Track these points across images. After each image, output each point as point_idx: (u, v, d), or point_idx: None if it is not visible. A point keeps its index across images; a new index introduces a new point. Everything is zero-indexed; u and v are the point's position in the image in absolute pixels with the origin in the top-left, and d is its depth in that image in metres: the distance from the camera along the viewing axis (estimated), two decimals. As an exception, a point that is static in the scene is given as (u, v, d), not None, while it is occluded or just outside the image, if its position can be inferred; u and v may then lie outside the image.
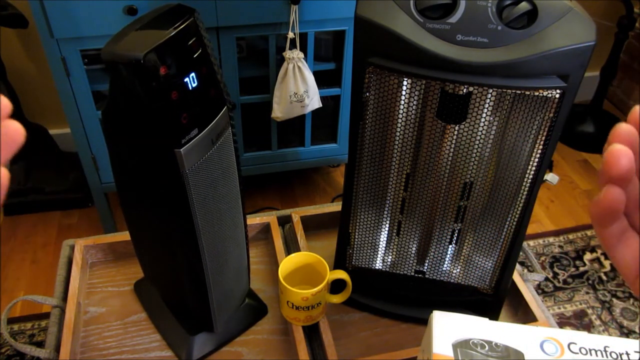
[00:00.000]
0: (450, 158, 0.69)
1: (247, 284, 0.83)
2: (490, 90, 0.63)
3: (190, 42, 0.57)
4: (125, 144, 0.63)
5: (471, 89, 0.63)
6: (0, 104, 0.29)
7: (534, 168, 0.66)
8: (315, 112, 1.53)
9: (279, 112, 1.45)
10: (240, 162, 0.72)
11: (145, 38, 0.54)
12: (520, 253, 0.77)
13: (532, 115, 0.64)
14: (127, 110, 0.57)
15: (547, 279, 1.67)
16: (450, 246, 0.79)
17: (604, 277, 1.67)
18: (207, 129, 0.61)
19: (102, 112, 0.63)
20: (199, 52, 0.58)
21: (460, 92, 0.63)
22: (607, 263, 1.71)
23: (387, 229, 0.80)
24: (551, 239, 1.79)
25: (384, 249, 0.82)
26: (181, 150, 0.58)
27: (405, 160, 0.72)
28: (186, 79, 0.57)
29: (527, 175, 0.67)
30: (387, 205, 0.77)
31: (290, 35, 1.35)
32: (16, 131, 0.30)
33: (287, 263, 0.80)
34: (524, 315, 0.85)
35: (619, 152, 0.30)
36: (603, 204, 0.31)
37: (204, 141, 0.61)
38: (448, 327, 0.57)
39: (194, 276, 0.71)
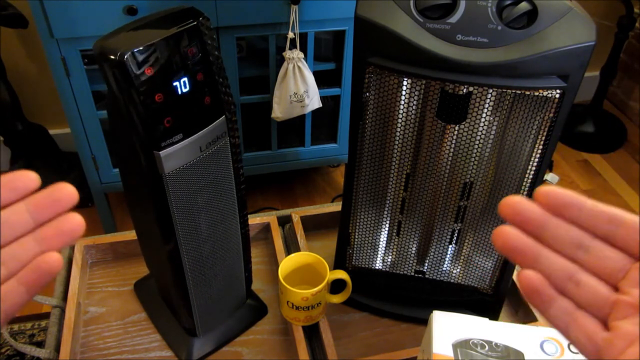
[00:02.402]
0: (450, 158, 0.69)
1: (242, 294, 0.82)
2: (490, 90, 0.63)
3: (186, 47, 0.56)
4: (119, 138, 0.63)
5: (471, 89, 0.63)
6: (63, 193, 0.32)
7: (534, 168, 0.66)
8: (315, 112, 1.53)
9: (279, 112, 1.45)
10: (243, 174, 0.70)
11: (138, 37, 0.54)
12: (520, 253, 0.77)
13: (532, 115, 0.64)
14: (116, 106, 0.57)
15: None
16: (450, 246, 0.79)
17: (604, 277, 1.67)
18: (194, 135, 0.60)
19: (106, 105, 0.63)
20: (197, 57, 0.57)
21: (460, 92, 0.63)
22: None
23: (387, 229, 0.80)
24: (551, 239, 1.79)
25: (384, 249, 0.82)
26: (160, 153, 0.58)
27: (405, 160, 0.72)
28: (176, 83, 0.56)
29: (527, 175, 0.67)
30: (387, 205, 0.77)
31: (290, 35, 1.34)
32: (78, 224, 0.33)
33: (287, 263, 0.80)
34: (524, 315, 0.85)
35: (502, 232, 0.32)
36: (522, 288, 0.32)
37: (190, 148, 0.60)
38: (448, 327, 0.57)
39: (176, 280, 0.71)
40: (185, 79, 0.57)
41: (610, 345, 0.30)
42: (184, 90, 0.57)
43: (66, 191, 0.33)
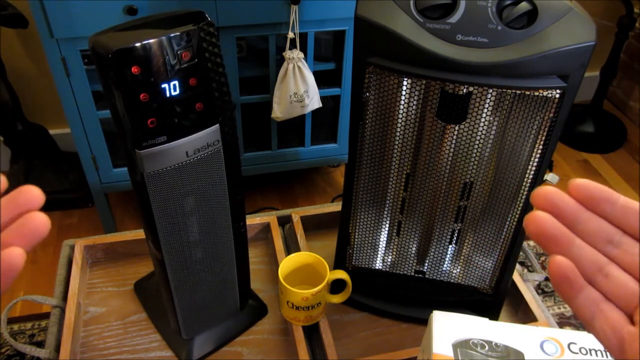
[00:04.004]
0: (450, 158, 0.69)
1: (234, 303, 0.81)
2: (490, 90, 0.63)
3: (180, 50, 0.55)
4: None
5: (471, 89, 0.63)
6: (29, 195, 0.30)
7: (534, 168, 0.66)
8: (315, 112, 1.53)
9: (279, 112, 1.45)
10: (241, 184, 0.69)
11: (131, 35, 0.54)
12: (520, 253, 0.77)
13: (532, 115, 0.64)
14: (107, 100, 0.58)
15: (547, 279, 1.67)
16: (450, 246, 0.79)
17: (604, 277, 1.67)
18: (180, 140, 0.59)
19: None
20: (191, 62, 0.56)
21: (460, 92, 0.63)
22: (607, 263, 1.71)
23: (387, 229, 0.80)
24: (551, 239, 1.79)
25: (384, 249, 0.82)
26: (141, 152, 0.57)
27: (405, 160, 0.72)
28: (164, 85, 0.55)
29: (527, 175, 0.67)
30: (387, 205, 0.77)
31: (290, 35, 1.34)
32: (41, 223, 0.31)
33: (287, 263, 0.80)
34: (524, 315, 0.85)
35: (536, 217, 0.31)
36: (552, 274, 0.31)
37: (174, 151, 0.59)
38: (448, 327, 0.57)
39: (162, 280, 0.71)
40: (176, 82, 0.56)
41: (635, 339, 0.29)
42: (173, 93, 0.56)
43: (31, 194, 0.32)
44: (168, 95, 0.56)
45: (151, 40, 0.53)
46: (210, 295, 0.76)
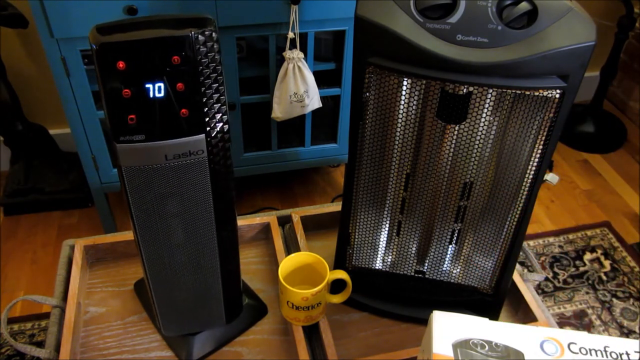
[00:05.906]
0: (450, 158, 0.69)
1: (219, 314, 0.79)
2: (490, 90, 0.63)
3: (170, 54, 0.55)
4: None
5: (471, 89, 0.63)
6: None
7: (534, 168, 0.66)
8: (315, 112, 1.53)
9: (279, 112, 1.45)
10: (232, 196, 0.68)
11: (127, 32, 0.54)
12: (520, 253, 0.77)
13: (532, 115, 0.64)
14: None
15: (547, 279, 1.67)
16: (450, 246, 0.79)
17: (604, 277, 1.67)
18: (157, 141, 0.59)
19: None
20: (181, 67, 0.56)
21: (460, 92, 0.63)
22: (607, 263, 1.71)
23: (387, 229, 0.80)
24: (551, 239, 1.79)
25: (384, 249, 0.82)
26: (118, 145, 0.59)
27: (405, 160, 0.72)
28: (148, 85, 0.55)
29: (527, 175, 0.67)
30: (387, 205, 0.77)
31: (290, 35, 1.34)
32: None
33: (287, 263, 0.80)
34: (524, 315, 0.85)
35: None
36: None
37: (151, 152, 0.60)
38: (448, 327, 0.57)
39: (144, 275, 0.73)
40: (162, 84, 0.56)
41: None
42: (158, 95, 0.56)
43: None
44: (152, 95, 0.56)
45: (140, 39, 0.53)
46: (190, 300, 0.75)
